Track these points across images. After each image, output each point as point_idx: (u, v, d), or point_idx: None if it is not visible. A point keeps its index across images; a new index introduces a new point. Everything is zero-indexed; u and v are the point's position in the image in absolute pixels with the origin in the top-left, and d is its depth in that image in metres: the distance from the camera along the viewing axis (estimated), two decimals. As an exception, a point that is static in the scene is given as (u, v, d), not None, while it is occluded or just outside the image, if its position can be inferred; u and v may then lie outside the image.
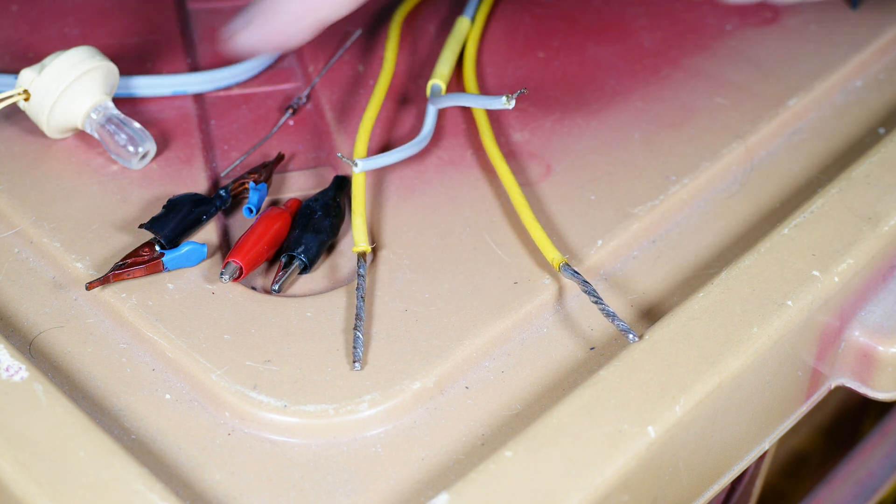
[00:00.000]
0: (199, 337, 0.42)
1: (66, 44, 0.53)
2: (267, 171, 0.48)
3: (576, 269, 0.43)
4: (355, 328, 0.41)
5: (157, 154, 0.49)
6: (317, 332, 0.42)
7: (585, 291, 0.43)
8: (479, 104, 0.47)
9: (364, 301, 0.43)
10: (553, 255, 0.44)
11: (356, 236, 0.45)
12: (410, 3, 0.57)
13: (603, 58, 0.54)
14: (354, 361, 0.41)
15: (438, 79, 0.51)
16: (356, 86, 0.53)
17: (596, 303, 0.42)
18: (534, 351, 0.43)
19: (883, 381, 0.45)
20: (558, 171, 0.49)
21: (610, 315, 0.42)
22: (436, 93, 0.50)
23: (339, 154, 0.46)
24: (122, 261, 0.43)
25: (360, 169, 0.46)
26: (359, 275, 0.43)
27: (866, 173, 0.47)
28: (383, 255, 0.45)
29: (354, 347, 0.41)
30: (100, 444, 0.37)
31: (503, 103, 0.44)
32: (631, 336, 0.41)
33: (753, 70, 0.54)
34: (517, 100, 0.50)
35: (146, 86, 0.51)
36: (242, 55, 0.47)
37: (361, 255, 0.44)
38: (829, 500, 0.64)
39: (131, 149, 0.48)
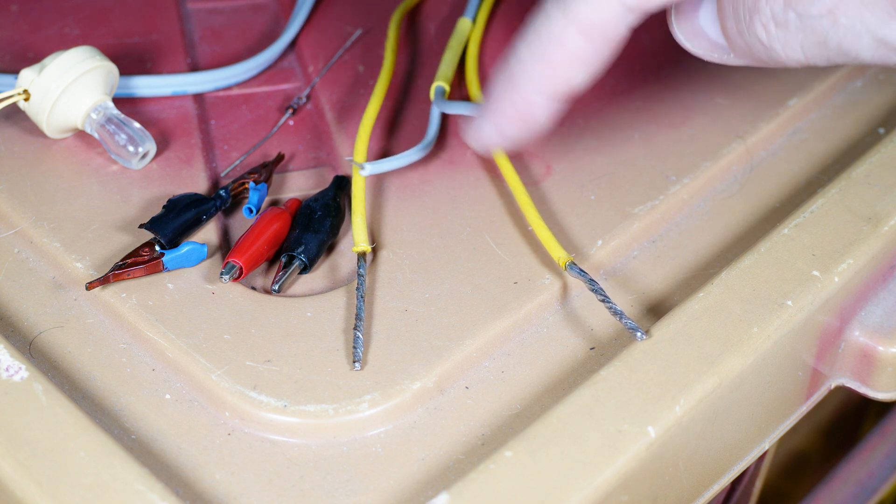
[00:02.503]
0: (199, 337, 0.42)
1: (66, 44, 0.53)
2: (267, 171, 0.48)
3: (582, 268, 0.44)
4: (355, 328, 0.41)
5: (157, 154, 0.49)
6: (317, 332, 0.42)
7: (592, 290, 0.43)
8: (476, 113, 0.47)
9: (364, 301, 0.43)
10: (559, 253, 0.44)
11: (356, 236, 0.45)
12: (409, 3, 0.57)
13: (603, 58, 0.54)
14: (354, 361, 0.41)
15: (442, 81, 0.51)
16: (356, 86, 0.53)
17: (603, 301, 0.42)
18: (534, 351, 0.43)
19: (883, 381, 0.45)
20: (558, 171, 0.49)
21: (618, 313, 0.42)
22: (440, 95, 0.50)
23: (347, 158, 0.46)
24: (122, 261, 0.43)
25: (368, 172, 0.46)
26: (359, 275, 0.43)
27: (866, 173, 0.47)
28: (383, 254, 0.45)
29: (354, 347, 0.41)
30: (100, 444, 0.37)
31: None
32: (639, 334, 0.41)
33: (753, 70, 0.54)
34: None
35: (146, 86, 0.51)
36: (486, 151, 0.42)
37: (361, 255, 0.44)
38: (829, 500, 0.64)
39: (131, 149, 0.48)
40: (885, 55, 0.35)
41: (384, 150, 0.50)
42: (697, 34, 0.39)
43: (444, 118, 0.51)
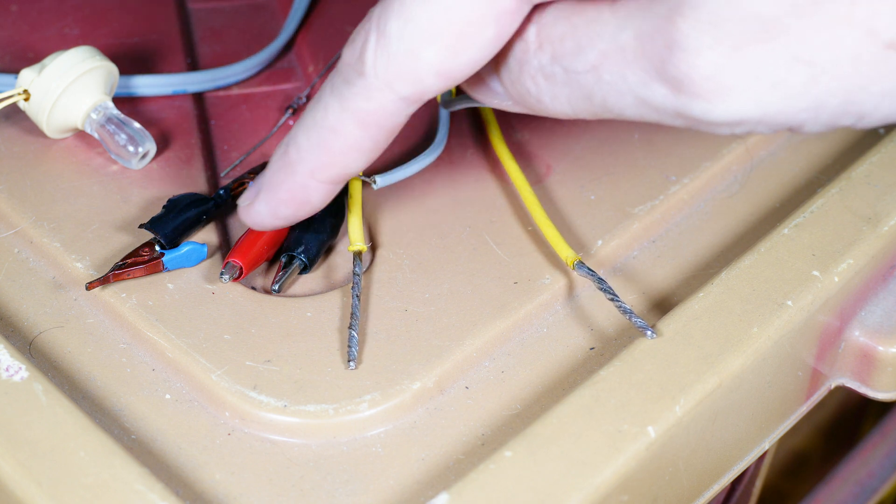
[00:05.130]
0: (199, 337, 0.42)
1: (66, 44, 0.53)
2: (267, 171, 0.48)
3: (590, 267, 0.44)
4: (350, 327, 0.41)
5: (157, 154, 0.49)
6: (317, 332, 0.42)
7: (601, 289, 0.43)
8: None
9: (360, 300, 0.43)
10: (567, 252, 0.44)
11: (352, 235, 0.45)
12: (410, 3, 0.57)
13: (603, 58, 0.54)
14: (349, 360, 0.41)
15: None
16: (356, 86, 0.53)
17: (612, 300, 0.42)
18: (534, 351, 0.43)
19: (883, 381, 0.45)
20: (558, 171, 0.49)
21: (627, 312, 0.42)
22: (446, 94, 0.50)
23: (360, 176, 0.46)
24: (122, 261, 0.43)
25: (380, 185, 0.46)
26: (354, 274, 0.43)
27: (866, 173, 0.47)
28: (383, 254, 0.45)
29: (349, 346, 0.41)
30: (100, 444, 0.37)
31: None
32: (649, 333, 0.41)
33: (753, 70, 0.54)
34: None
35: (146, 85, 0.51)
36: (260, 229, 0.42)
37: (357, 254, 0.44)
38: (829, 500, 0.64)
39: (131, 149, 0.48)
40: (648, 114, 0.34)
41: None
42: (479, 83, 0.39)
43: (451, 118, 0.51)
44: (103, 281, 0.43)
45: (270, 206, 0.41)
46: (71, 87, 0.47)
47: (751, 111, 0.33)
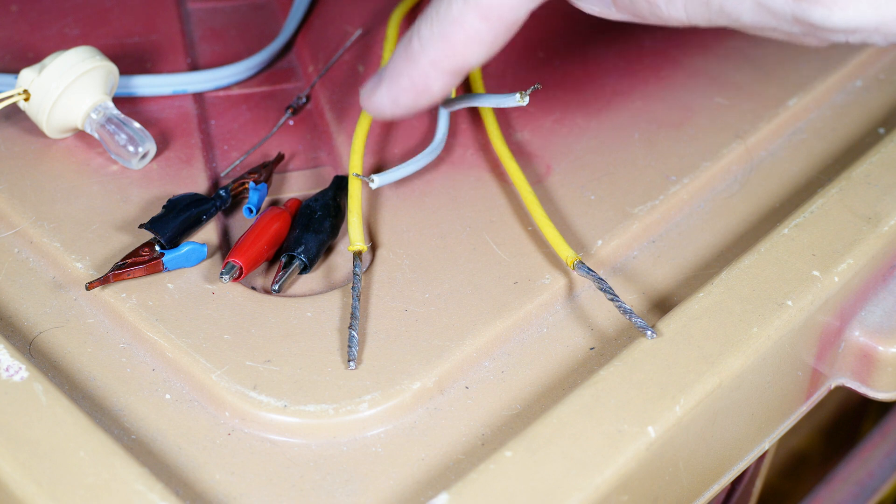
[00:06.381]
0: (199, 337, 0.42)
1: (66, 44, 0.53)
2: (267, 171, 0.48)
3: (590, 267, 0.43)
4: (350, 327, 0.41)
5: (157, 154, 0.49)
6: (317, 332, 0.42)
7: (601, 289, 0.42)
8: (493, 103, 0.46)
9: (359, 300, 0.43)
10: (567, 252, 0.44)
11: (352, 235, 0.45)
12: (409, 3, 0.57)
13: (603, 58, 0.54)
14: (349, 360, 0.41)
15: None
16: (356, 86, 0.53)
17: (612, 300, 0.42)
18: (534, 351, 0.43)
19: (883, 381, 0.45)
20: (558, 171, 0.49)
21: (627, 312, 0.42)
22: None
23: (354, 174, 0.46)
24: (122, 261, 0.43)
25: (377, 184, 0.45)
26: (354, 274, 0.43)
27: (866, 173, 0.47)
28: (383, 254, 0.45)
29: (349, 346, 0.41)
30: (100, 444, 0.37)
31: (517, 101, 0.44)
32: (649, 333, 0.41)
33: (753, 70, 0.54)
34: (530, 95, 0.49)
35: (146, 85, 0.51)
36: (380, 117, 0.44)
37: (357, 254, 0.44)
38: (829, 500, 0.64)
39: (131, 149, 0.48)
40: (766, 20, 0.35)
41: (382, 153, 0.50)
42: None
43: (451, 118, 0.51)
44: (103, 281, 0.43)
45: (392, 94, 0.42)
46: (71, 87, 0.47)
47: (868, 18, 0.33)
